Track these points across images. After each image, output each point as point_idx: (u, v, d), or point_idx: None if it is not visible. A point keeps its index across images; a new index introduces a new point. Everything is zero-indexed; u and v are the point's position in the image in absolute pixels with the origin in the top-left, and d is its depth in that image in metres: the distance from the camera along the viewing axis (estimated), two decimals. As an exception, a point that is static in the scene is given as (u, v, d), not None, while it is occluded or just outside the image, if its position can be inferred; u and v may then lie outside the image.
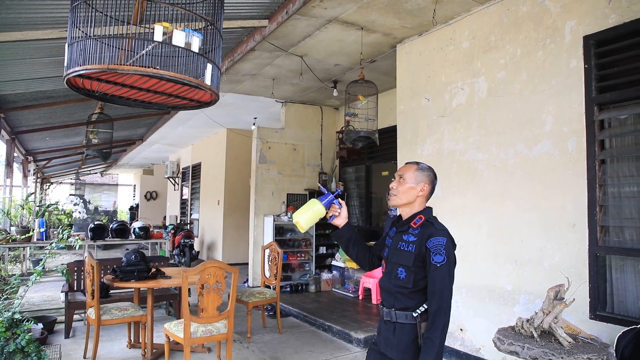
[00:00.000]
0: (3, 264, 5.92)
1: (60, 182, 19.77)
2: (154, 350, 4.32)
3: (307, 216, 2.10)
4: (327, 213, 2.16)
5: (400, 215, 2.16)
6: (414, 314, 1.97)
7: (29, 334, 2.88)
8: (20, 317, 2.98)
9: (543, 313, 2.71)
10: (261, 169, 7.72)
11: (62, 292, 5.31)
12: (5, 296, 3.66)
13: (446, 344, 4.27)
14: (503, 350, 2.74)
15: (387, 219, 5.41)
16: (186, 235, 9.88)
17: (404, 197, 2.09)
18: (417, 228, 2.03)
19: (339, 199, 2.19)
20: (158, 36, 2.02)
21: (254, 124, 8.36)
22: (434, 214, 2.14)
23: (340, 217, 2.17)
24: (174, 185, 14.33)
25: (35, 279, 3.28)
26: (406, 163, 2.20)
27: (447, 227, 2.12)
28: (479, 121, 4.16)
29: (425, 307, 1.95)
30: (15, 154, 8.33)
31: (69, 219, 13.32)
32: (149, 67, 2.01)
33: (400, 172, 2.14)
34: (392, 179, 2.19)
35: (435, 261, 1.91)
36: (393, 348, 2.02)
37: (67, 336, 4.91)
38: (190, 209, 12.97)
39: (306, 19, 4.51)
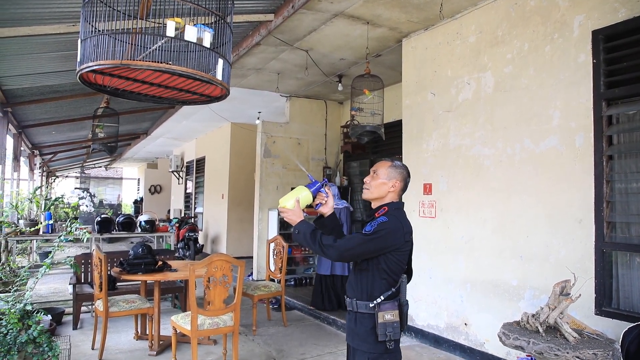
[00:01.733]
0: (12, 256, 5.97)
1: (66, 176, 19.87)
2: (161, 342, 4.37)
3: (293, 202, 2.11)
4: (314, 201, 2.21)
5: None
6: (371, 304, 2.05)
7: (41, 325, 2.93)
8: (32, 309, 3.02)
9: (549, 308, 2.73)
10: (266, 163, 7.74)
11: (70, 284, 5.36)
12: (15, 288, 3.70)
13: (450, 338, 4.32)
14: (508, 344, 2.75)
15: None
16: (191, 228, 9.94)
17: (375, 191, 2.20)
18: (379, 217, 2.13)
19: (326, 188, 2.24)
20: (170, 31, 2.03)
21: (258, 118, 8.37)
22: (402, 208, 2.24)
23: (327, 206, 2.25)
24: (178, 179, 14.37)
25: (45, 271, 3.32)
26: (381, 160, 2.30)
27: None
28: (485, 116, 4.15)
29: (383, 297, 2.04)
30: (21, 148, 8.38)
31: (75, 212, 13.40)
32: (161, 63, 2.03)
33: (374, 167, 2.25)
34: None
35: (365, 229, 2.05)
36: (354, 337, 2.12)
37: (75, 327, 4.97)
38: (195, 203, 13.01)
39: (312, 13, 4.50)
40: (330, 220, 2.27)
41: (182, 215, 13.20)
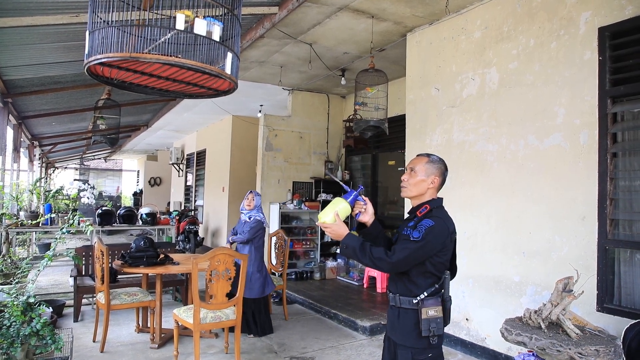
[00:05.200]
0: (12, 247, 5.96)
1: (65, 167, 19.83)
2: (162, 335, 4.38)
3: (333, 216, 2.05)
4: (352, 211, 2.14)
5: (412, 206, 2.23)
6: (414, 300, 2.05)
7: (44, 317, 2.93)
8: (34, 301, 3.02)
9: (551, 304, 2.73)
10: (267, 157, 7.72)
11: (71, 276, 5.36)
12: (16, 280, 3.70)
13: (451, 333, 4.33)
14: (510, 340, 2.76)
15: (238, 221, 5.03)
16: (191, 221, 9.93)
17: (414, 189, 2.14)
18: (422, 216, 2.09)
19: (362, 196, 2.16)
20: (180, 24, 2.01)
21: (260, 111, 8.34)
22: (442, 205, 2.19)
23: (367, 214, 2.15)
24: (178, 171, 14.34)
25: (47, 264, 3.31)
26: (417, 155, 2.22)
27: (455, 217, 2.18)
28: (489, 112, 4.14)
29: (427, 293, 2.03)
30: (21, 139, 8.34)
31: (74, 204, 13.38)
32: (170, 56, 2.00)
33: (411, 164, 2.18)
34: (401, 169, 2.24)
35: (412, 235, 1.99)
36: (397, 331, 2.12)
37: (75, 320, 4.98)
38: (195, 196, 13.00)
39: (317, 6, 4.47)
40: (374, 228, 2.18)
41: (182, 208, 13.19)
